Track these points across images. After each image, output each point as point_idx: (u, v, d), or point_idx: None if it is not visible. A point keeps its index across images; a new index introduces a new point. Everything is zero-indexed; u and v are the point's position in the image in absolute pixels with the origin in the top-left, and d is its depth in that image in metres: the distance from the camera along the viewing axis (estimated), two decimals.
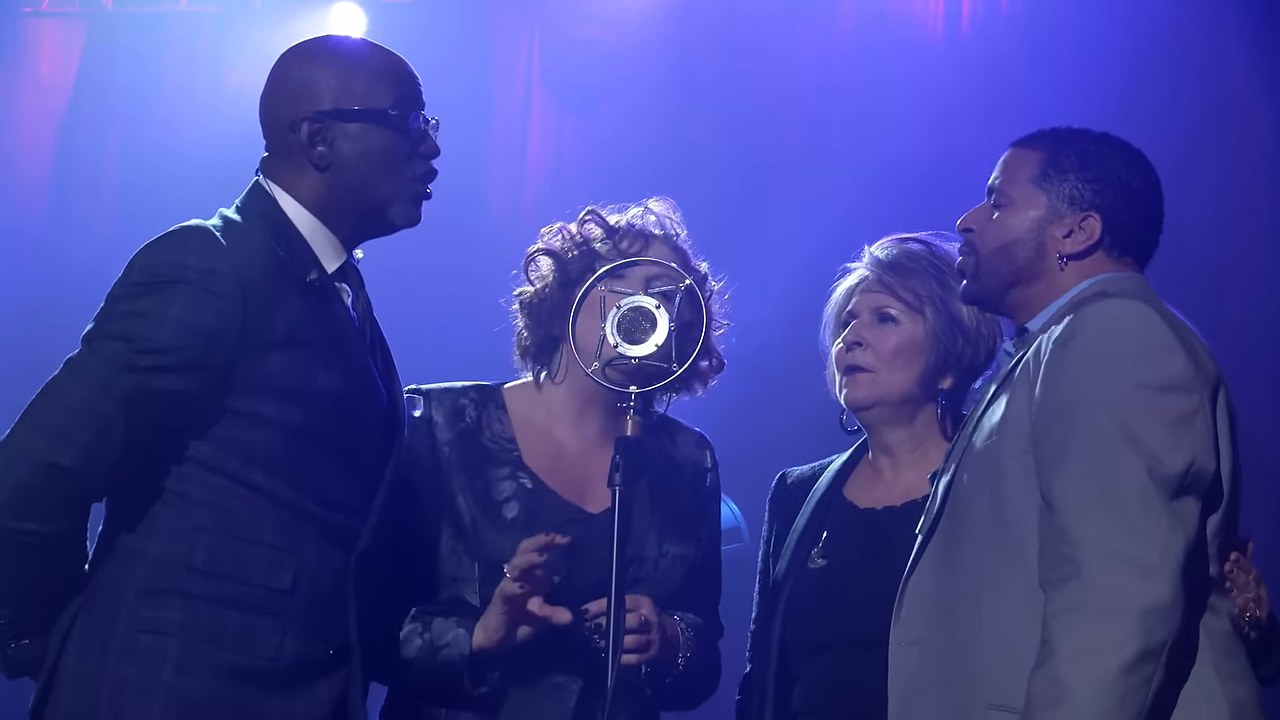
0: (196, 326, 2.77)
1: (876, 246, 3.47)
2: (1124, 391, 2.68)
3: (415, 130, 2.96)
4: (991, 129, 6.42)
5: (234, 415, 2.82)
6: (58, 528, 2.76)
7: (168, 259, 2.80)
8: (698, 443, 3.47)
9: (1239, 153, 6.38)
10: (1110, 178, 2.92)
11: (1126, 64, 6.38)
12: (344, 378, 2.90)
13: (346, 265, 3.00)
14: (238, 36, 6.68)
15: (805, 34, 6.76)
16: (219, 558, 2.80)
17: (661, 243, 3.35)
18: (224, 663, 2.79)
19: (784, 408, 6.00)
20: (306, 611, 2.86)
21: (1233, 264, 6.34)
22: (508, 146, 7.03)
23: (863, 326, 3.40)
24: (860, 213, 5.86)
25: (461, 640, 3.13)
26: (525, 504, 3.25)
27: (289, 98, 2.95)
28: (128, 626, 2.78)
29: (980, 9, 6.69)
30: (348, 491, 2.92)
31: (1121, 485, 2.63)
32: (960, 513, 2.85)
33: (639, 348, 3.04)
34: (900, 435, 3.40)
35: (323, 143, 2.92)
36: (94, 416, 2.72)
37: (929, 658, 2.84)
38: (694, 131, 6.81)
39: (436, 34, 6.71)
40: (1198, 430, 2.69)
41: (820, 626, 3.30)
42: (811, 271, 3.88)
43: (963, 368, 3.40)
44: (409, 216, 3.00)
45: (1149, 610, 2.58)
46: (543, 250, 3.36)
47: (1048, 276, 2.92)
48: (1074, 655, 2.57)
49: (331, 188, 2.94)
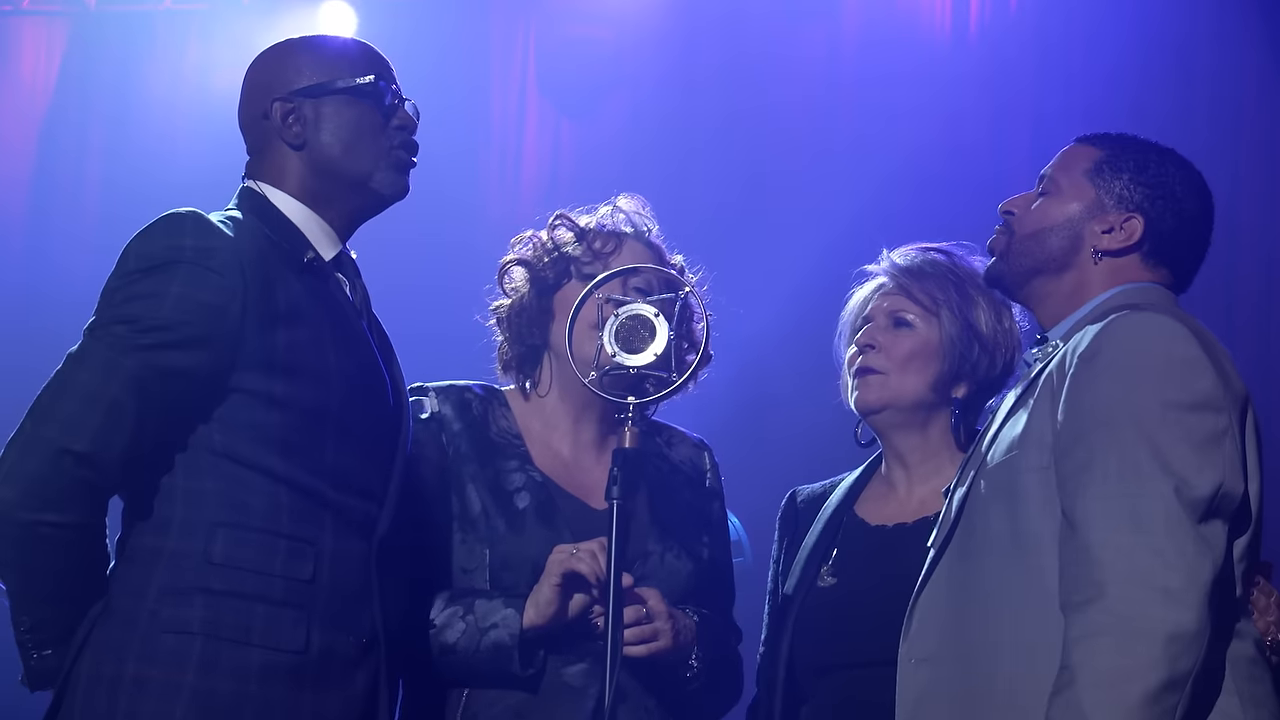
0: (198, 302, 2.77)
1: (896, 252, 3.44)
2: (1152, 410, 2.63)
3: (388, 102, 3.00)
4: (999, 130, 6.39)
5: (245, 395, 2.82)
6: (76, 518, 2.74)
7: (163, 243, 2.81)
8: (696, 445, 3.47)
9: (1251, 154, 6.38)
10: (1164, 189, 2.90)
11: (1137, 63, 6.40)
12: (351, 358, 2.92)
13: (342, 256, 3.02)
14: (225, 36, 6.70)
15: (810, 33, 6.79)
16: (238, 550, 2.79)
17: (634, 240, 3.36)
18: (251, 660, 2.76)
19: (790, 421, 6.00)
20: (330, 601, 2.84)
21: (1245, 268, 6.34)
22: (503, 149, 7.05)
23: (876, 329, 3.38)
24: (866, 216, 5.90)
25: (511, 620, 3.11)
26: (536, 495, 3.25)
27: (259, 89, 3.01)
28: (149, 627, 2.76)
29: (988, 8, 6.71)
30: (365, 474, 2.92)
31: (1148, 507, 2.58)
32: (975, 528, 2.81)
33: (638, 356, 3.03)
34: (912, 443, 3.37)
35: (296, 121, 2.97)
36: (103, 400, 2.72)
37: (939, 676, 2.80)
38: (695, 133, 6.82)
39: (429, 33, 6.74)
40: (1226, 451, 2.64)
41: (829, 647, 3.26)
42: (817, 279, 3.81)
43: (978, 377, 3.36)
44: (395, 185, 3.02)
45: (1174, 637, 2.52)
46: (515, 261, 3.38)
47: (1077, 271, 2.89)
48: (1096, 682, 2.52)
49: (313, 167, 2.97)
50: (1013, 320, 3.37)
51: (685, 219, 6.67)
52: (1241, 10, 6.44)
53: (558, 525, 3.21)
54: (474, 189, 6.79)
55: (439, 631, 3.15)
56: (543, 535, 3.19)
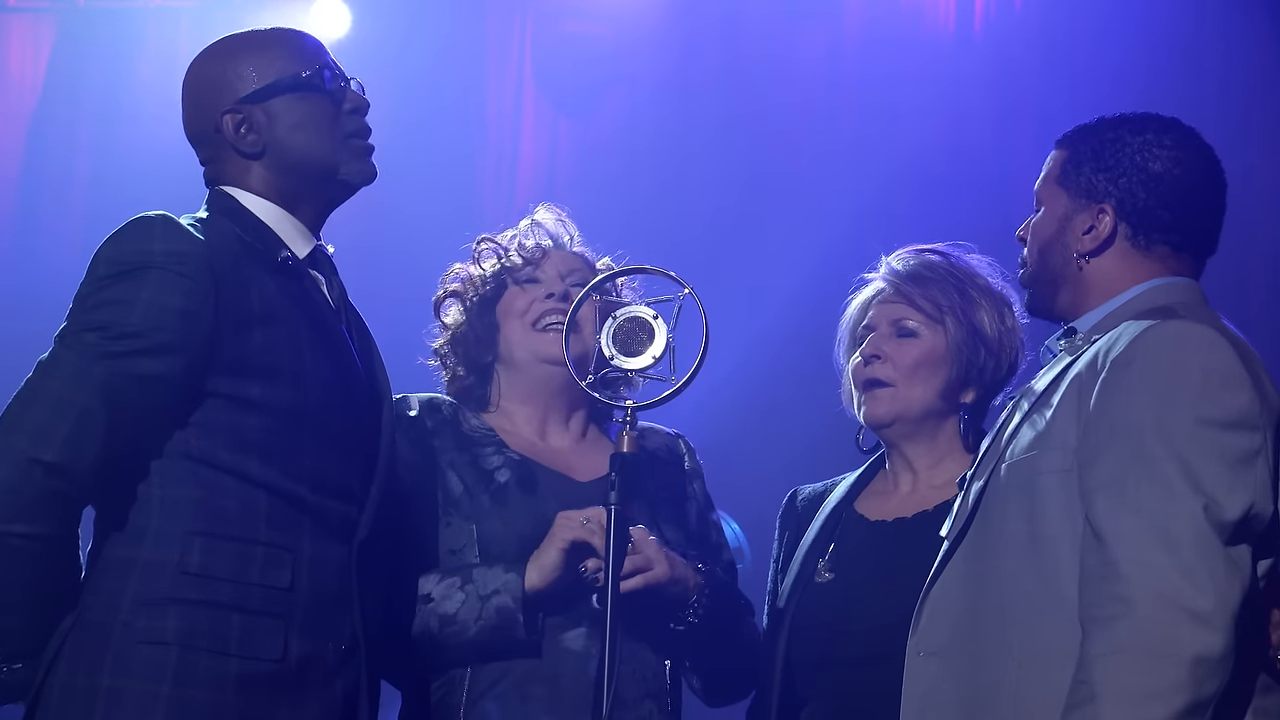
0: (169, 308, 2.76)
1: (893, 257, 3.41)
2: (1185, 426, 2.60)
3: (335, 89, 2.98)
4: (1004, 129, 6.38)
5: (221, 400, 2.81)
6: (47, 529, 2.72)
7: (132, 247, 2.80)
8: (670, 435, 3.50)
9: (1260, 151, 6.32)
10: (1122, 164, 2.86)
11: (1143, 61, 6.38)
12: (328, 358, 2.91)
13: (317, 252, 3.01)
14: (215, 32, 6.51)
15: (812, 31, 6.78)
16: (213, 559, 2.77)
17: (558, 249, 3.44)
18: (228, 670, 2.74)
19: (790, 424, 5.95)
20: (309, 608, 2.83)
21: (1257, 265, 6.31)
22: (500, 148, 7.02)
23: (881, 339, 3.34)
24: (867, 218, 5.92)
25: (513, 584, 3.12)
26: (515, 470, 3.28)
27: (204, 103, 2.98)
28: (123, 639, 2.73)
29: (993, 6, 6.68)
30: (345, 476, 2.91)
31: (1178, 527, 2.55)
32: (993, 524, 2.79)
33: (636, 360, 3.05)
34: (921, 450, 3.35)
35: (250, 130, 2.94)
36: (73, 409, 2.71)
37: (949, 670, 2.78)
38: (694, 132, 6.80)
39: (424, 30, 6.71)
40: (1259, 471, 2.61)
41: (827, 641, 3.24)
42: (818, 281, 3.77)
43: (985, 380, 3.34)
44: (361, 172, 3.00)
45: (1201, 660, 2.49)
46: (448, 294, 3.46)
47: (1086, 275, 2.87)
48: (1118, 701, 2.49)
49: (276, 170, 2.96)
50: (1015, 318, 3.35)
51: (684, 219, 6.61)
52: (1248, 6, 6.43)
53: (541, 494, 3.24)
54: (470, 188, 6.77)
55: (437, 604, 3.15)
56: (527, 505, 3.23)
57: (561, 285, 3.35)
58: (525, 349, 3.34)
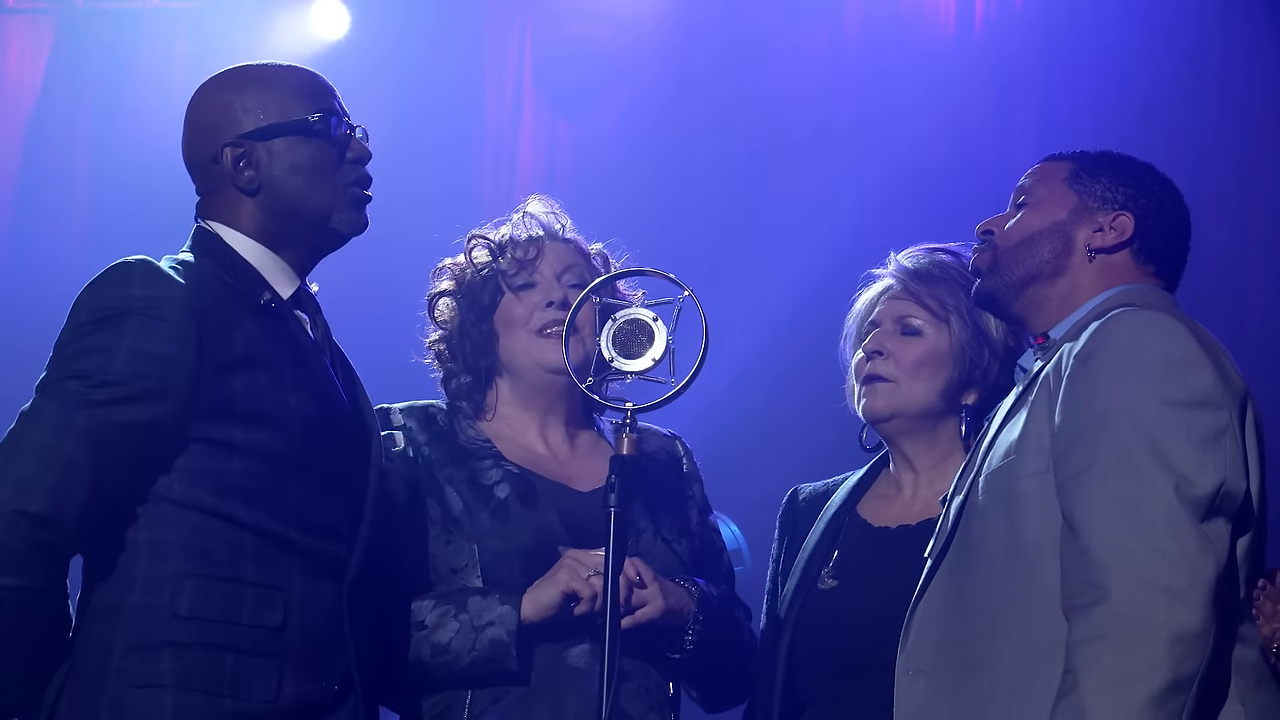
0: (151, 354, 2.74)
1: (904, 254, 3.41)
2: (1150, 408, 2.62)
3: (339, 136, 2.96)
4: (1004, 130, 6.39)
5: (204, 444, 2.79)
6: (34, 581, 2.70)
7: (113, 293, 2.79)
8: (668, 436, 3.49)
9: (1260, 156, 6.36)
10: (1144, 187, 2.93)
11: (1144, 59, 6.41)
12: (312, 399, 2.89)
13: (301, 293, 2.99)
14: (214, 33, 6.70)
15: (811, 32, 6.79)
16: (204, 601, 2.76)
17: (552, 241, 3.40)
18: (223, 710, 2.74)
19: (788, 426, 5.97)
20: (301, 648, 2.81)
21: (1254, 271, 6.34)
22: (498, 147, 7.03)
23: (884, 335, 3.34)
24: (868, 217, 5.92)
25: (508, 617, 3.11)
26: (515, 485, 3.26)
27: (206, 132, 2.96)
28: (117, 684, 2.72)
29: (993, 6, 6.70)
30: (332, 516, 2.89)
31: (1149, 507, 2.57)
32: (973, 538, 2.80)
33: (636, 362, 3.05)
34: (921, 448, 3.35)
35: (249, 165, 2.92)
36: (57, 459, 2.69)
37: (937, 687, 2.78)
38: (694, 132, 6.79)
39: (423, 30, 6.71)
40: (1227, 448, 2.64)
41: (830, 651, 3.24)
42: (819, 281, 3.76)
43: (988, 383, 3.33)
44: (353, 223, 2.98)
45: (1179, 638, 2.50)
46: (441, 292, 3.41)
47: (1070, 275, 2.89)
48: (1100, 685, 2.50)
49: (268, 210, 2.94)
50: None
51: (684, 219, 6.62)
52: (1248, 6, 6.44)
53: (542, 508, 3.22)
54: (469, 188, 6.77)
55: (430, 632, 3.13)
56: (529, 521, 3.21)
57: (559, 289, 3.32)
58: (528, 357, 3.32)
